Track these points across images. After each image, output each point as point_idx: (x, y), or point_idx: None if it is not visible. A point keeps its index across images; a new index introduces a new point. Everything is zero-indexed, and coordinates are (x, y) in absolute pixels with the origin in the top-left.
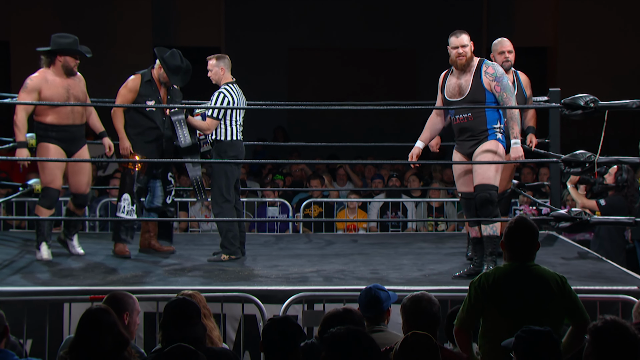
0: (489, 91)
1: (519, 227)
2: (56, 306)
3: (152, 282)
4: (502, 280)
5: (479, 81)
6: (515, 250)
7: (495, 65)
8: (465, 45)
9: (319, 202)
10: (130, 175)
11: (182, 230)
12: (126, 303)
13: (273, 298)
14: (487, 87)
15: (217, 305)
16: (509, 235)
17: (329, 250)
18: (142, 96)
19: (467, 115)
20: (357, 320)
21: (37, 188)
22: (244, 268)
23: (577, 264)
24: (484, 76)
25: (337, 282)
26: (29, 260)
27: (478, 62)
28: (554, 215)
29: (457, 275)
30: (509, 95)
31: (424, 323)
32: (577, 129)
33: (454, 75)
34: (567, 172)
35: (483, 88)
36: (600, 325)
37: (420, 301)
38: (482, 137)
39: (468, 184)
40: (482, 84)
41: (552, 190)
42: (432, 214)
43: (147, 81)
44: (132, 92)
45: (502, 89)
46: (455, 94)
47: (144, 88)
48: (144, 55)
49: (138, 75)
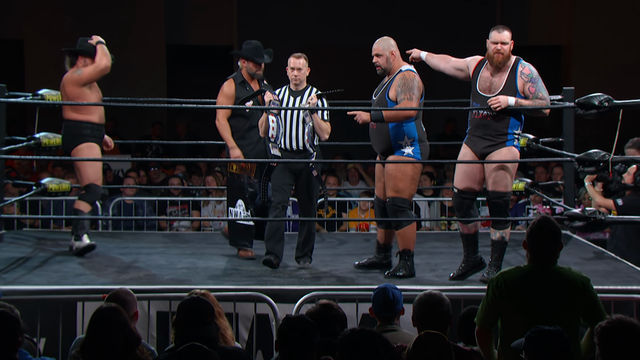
0: (520, 93)
1: (542, 228)
2: (69, 305)
3: (165, 281)
4: (523, 280)
5: (514, 81)
6: (538, 251)
7: (531, 66)
8: (506, 43)
9: (331, 202)
10: (240, 181)
11: (194, 229)
12: (131, 301)
13: (285, 297)
14: (520, 88)
15: (229, 304)
16: (531, 236)
17: (341, 249)
18: (239, 99)
19: (492, 113)
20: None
21: (50, 187)
22: (257, 267)
23: (591, 264)
24: (519, 77)
25: (349, 282)
26: (43, 259)
27: (515, 61)
28: (567, 214)
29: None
30: (544, 95)
31: (434, 322)
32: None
33: (488, 70)
34: (581, 171)
35: (516, 89)
36: (605, 325)
37: (430, 300)
38: (500, 140)
39: (468, 182)
40: (515, 84)
41: (566, 189)
42: (445, 213)
43: (240, 83)
44: (230, 98)
45: (537, 90)
46: (486, 89)
47: (239, 91)
48: (157, 54)
49: (230, 79)
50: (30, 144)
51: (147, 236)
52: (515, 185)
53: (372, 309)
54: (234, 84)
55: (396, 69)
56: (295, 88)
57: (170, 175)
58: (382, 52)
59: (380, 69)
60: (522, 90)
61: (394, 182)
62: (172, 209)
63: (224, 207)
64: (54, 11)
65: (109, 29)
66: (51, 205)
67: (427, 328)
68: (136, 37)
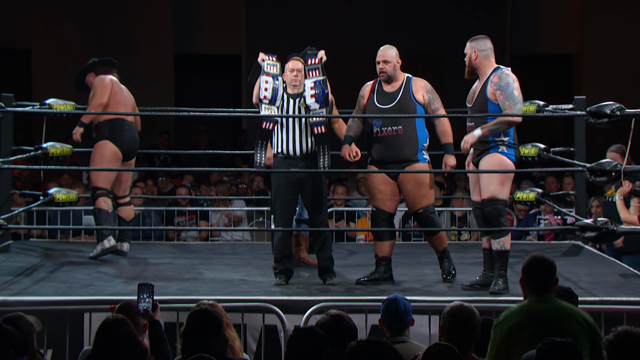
0: (492, 101)
1: (535, 263)
2: (76, 316)
3: (173, 291)
4: (525, 320)
5: (484, 90)
6: (534, 287)
7: (504, 74)
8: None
9: (340, 212)
10: None
11: (202, 240)
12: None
13: (294, 308)
14: (490, 96)
15: (237, 315)
16: (526, 272)
17: (350, 260)
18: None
19: (471, 124)
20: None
21: (58, 197)
22: (265, 278)
23: (603, 274)
24: (489, 85)
25: (358, 293)
26: (50, 270)
27: (492, 70)
28: (579, 224)
29: (466, 285)
30: (510, 104)
31: (462, 335)
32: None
33: (477, 80)
34: (593, 181)
35: (486, 98)
36: (612, 338)
37: (461, 312)
38: (484, 148)
39: (474, 194)
40: (486, 93)
41: (578, 199)
42: (455, 223)
43: None
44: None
45: (505, 98)
46: (470, 99)
47: None
48: (165, 64)
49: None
50: (38, 153)
51: (154, 246)
52: (525, 195)
53: (381, 320)
54: None
55: (400, 78)
56: (293, 91)
57: (178, 185)
58: (390, 59)
59: (386, 76)
60: (493, 98)
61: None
62: (180, 219)
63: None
64: (62, 21)
65: (116, 39)
66: (58, 215)
67: (456, 341)
68: (144, 47)
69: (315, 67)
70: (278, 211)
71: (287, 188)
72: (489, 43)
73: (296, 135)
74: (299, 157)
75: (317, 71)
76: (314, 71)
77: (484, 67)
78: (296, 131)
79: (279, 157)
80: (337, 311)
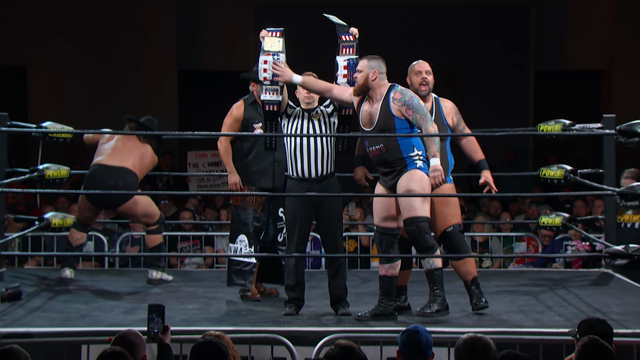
0: (398, 117)
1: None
2: (73, 348)
3: (176, 322)
4: None
5: (387, 108)
6: None
7: (404, 90)
8: (360, 71)
9: (354, 236)
10: (244, 214)
11: (207, 266)
12: (139, 344)
13: (305, 340)
14: (396, 113)
15: (245, 347)
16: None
17: (364, 288)
18: (248, 120)
19: (380, 147)
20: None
21: (54, 222)
22: (274, 308)
23: (635, 305)
24: (392, 102)
25: (373, 324)
26: (45, 299)
27: (388, 89)
28: (608, 251)
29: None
30: (422, 116)
31: None
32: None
33: (367, 102)
34: (624, 205)
35: (391, 115)
36: None
37: (477, 344)
38: (400, 166)
39: (385, 219)
40: (390, 111)
41: (607, 224)
42: (477, 249)
43: (251, 103)
44: (238, 120)
45: (415, 112)
46: (367, 123)
47: (248, 111)
48: (169, 80)
49: (241, 101)
50: (33, 176)
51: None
52: (552, 220)
53: (400, 352)
54: (244, 105)
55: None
56: (306, 107)
57: (182, 208)
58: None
59: (428, 88)
60: (400, 115)
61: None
62: (184, 245)
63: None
64: (58, 37)
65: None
66: (54, 240)
67: None
68: (147, 62)
69: (350, 45)
70: (294, 237)
71: (302, 213)
72: (384, 65)
73: (311, 156)
74: (314, 180)
75: (352, 49)
76: (349, 49)
77: (379, 87)
78: (311, 151)
79: (293, 180)
80: (346, 342)
